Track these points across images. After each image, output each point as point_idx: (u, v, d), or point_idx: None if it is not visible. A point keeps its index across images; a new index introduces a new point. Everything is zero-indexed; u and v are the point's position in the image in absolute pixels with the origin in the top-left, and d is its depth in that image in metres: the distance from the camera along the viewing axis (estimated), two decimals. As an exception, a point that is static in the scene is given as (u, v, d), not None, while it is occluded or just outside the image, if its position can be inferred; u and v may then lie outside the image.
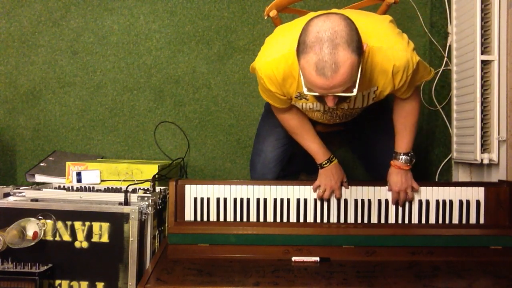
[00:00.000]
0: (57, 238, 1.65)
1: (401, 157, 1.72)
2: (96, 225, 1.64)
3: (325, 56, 1.26)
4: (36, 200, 1.74)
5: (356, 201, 1.74)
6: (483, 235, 1.68)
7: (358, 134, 1.98)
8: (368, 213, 1.73)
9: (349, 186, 1.75)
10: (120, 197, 1.72)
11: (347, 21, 1.30)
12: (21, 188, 1.82)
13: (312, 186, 1.75)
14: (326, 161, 1.76)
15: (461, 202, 1.73)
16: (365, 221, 1.73)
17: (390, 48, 1.45)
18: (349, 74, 1.29)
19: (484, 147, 2.01)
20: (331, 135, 1.99)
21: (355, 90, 1.34)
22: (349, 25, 1.30)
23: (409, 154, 1.73)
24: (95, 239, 1.64)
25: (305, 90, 1.38)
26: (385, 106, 1.83)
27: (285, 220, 1.74)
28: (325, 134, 1.87)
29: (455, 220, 1.73)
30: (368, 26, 1.46)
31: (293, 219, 1.74)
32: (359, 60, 1.32)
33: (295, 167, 2.12)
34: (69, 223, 1.65)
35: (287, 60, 1.48)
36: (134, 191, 1.86)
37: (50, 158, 2.48)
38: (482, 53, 2.00)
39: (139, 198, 1.71)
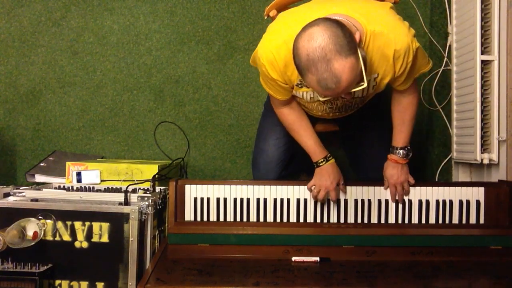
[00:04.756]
0: (57, 238, 1.65)
1: (398, 151, 1.73)
2: (96, 225, 1.64)
3: (323, 74, 1.30)
4: (36, 200, 1.74)
5: (356, 201, 1.74)
6: (483, 235, 1.68)
7: (351, 134, 1.98)
8: (368, 213, 1.73)
9: (349, 186, 1.75)
10: (120, 197, 1.72)
11: (330, 29, 1.31)
12: (21, 188, 1.82)
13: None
14: (322, 160, 1.74)
15: (461, 202, 1.73)
16: (365, 221, 1.73)
17: (392, 32, 1.45)
18: (352, 75, 1.32)
19: (484, 147, 2.01)
20: (328, 135, 1.99)
21: (365, 83, 1.37)
22: (334, 32, 1.30)
23: (406, 149, 1.73)
24: (95, 239, 1.64)
25: (321, 98, 1.45)
26: (382, 109, 1.84)
27: (285, 220, 1.74)
28: (323, 134, 1.87)
29: (455, 220, 1.73)
30: (369, 10, 1.47)
31: (293, 219, 1.74)
32: (357, 55, 1.33)
33: (296, 166, 2.12)
34: (69, 223, 1.65)
35: (287, 45, 1.46)
36: (134, 191, 1.86)
37: (50, 158, 2.48)
38: (482, 53, 2.00)
39: (139, 198, 1.71)
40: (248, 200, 1.74)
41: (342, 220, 1.73)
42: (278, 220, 1.74)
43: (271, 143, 1.94)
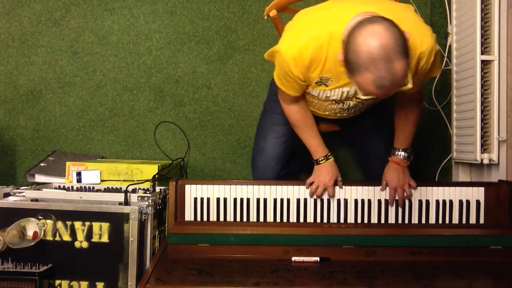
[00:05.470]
0: (57, 238, 1.65)
1: (399, 153, 1.73)
2: (96, 225, 1.64)
3: (382, 73, 1.29)
4: (36, 200, 1.74)
5: (356, 201, 1.74)
6: (483, 235, 1.68)
7: (354, 134, 1.98)
8: (368, 213, 1.73)
9: (349, 186, 1.75)
10: (120, 197, 1.72)
11: (390, 28, 1.30)
12: (21, 188, 1.82)
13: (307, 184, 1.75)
14: (322, 158, 1.76)
15: (461, 202, 1.73)
16: (365, 221, 1.73)
17: (418, 33, 1.45)
18: (405, 76, 1.33)
19: (484, 147, 2.01)
20: (329, 135, 1.99)
21: (409, 83, 1.37)
22: (394, 32, 1.30)
23: (408, 151, 1.73)
24: (95, 239, 1.64)
25: (361, 94, 1.42)
26: (387, 109, 1.84)
27: (285, 220, 1.74)
28: (324, 134, 1.87)
29: (455, 220, 1.73)
30: (396, 11, 1.48)
31: (293, 219, 1.74)
32: (408, 56, 1.34)
33: (295, 166, 2.12)
34: (69, 223, 1.65)
35: (315, 42, 1.46)
36: (134, 191, 1.86)
37: (50, 158, 2.48)
38: (482, 53, 2.00)
39: (139, 198, 1.71)
40: (248, 200, 1.74)
41: (342, 220, 1.73)
42: (278, 220, 1.74)
43: (270, 142, 1.94)
